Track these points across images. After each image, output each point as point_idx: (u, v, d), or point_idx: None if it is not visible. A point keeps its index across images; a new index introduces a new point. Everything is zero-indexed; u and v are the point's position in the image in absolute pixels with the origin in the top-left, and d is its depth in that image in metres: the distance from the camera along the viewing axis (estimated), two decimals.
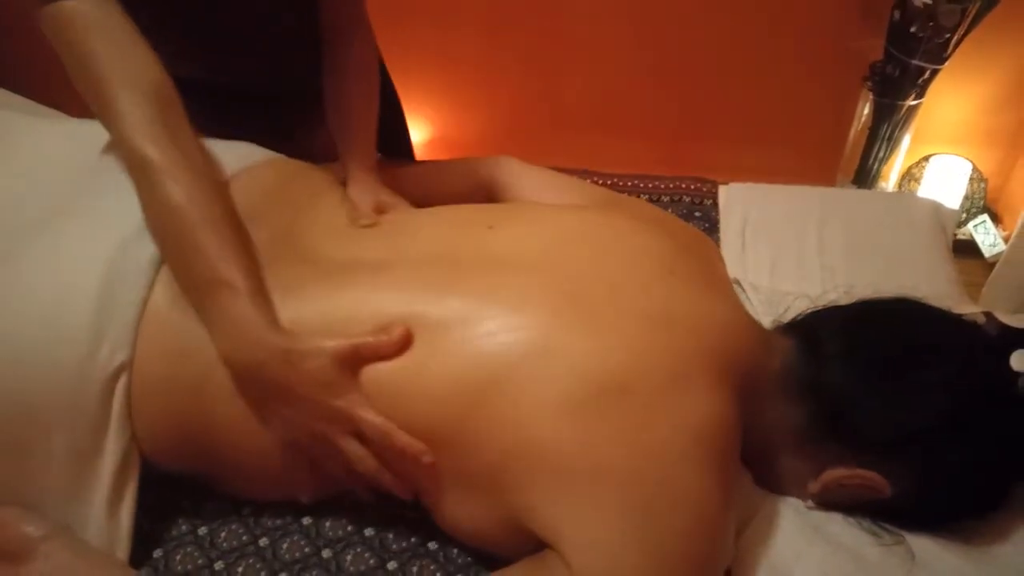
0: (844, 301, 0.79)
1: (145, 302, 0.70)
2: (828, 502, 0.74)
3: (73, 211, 0.76)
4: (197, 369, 0.70)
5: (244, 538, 0.74)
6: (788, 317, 0.81)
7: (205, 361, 0.69)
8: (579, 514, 0.62)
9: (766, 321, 0.80)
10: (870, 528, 0.72)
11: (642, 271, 0.74)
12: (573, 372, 0.64)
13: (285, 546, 0.73)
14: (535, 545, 0.66)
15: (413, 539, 0.74)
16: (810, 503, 0.74)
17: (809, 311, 0.80)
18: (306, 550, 0.73)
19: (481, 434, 0.65)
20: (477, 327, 0.67)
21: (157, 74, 0.74)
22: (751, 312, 0.90)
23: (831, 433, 0.72)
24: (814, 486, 0.72)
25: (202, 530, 0.75)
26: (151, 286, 0.71)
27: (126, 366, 0.69)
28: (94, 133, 0.87)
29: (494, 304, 0.69)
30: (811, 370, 0.73)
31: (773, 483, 0.76)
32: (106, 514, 0.70)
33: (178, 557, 0.73)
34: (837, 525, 0.73)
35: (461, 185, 0.95)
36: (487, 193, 0.94)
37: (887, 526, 0.72)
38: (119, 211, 0.75)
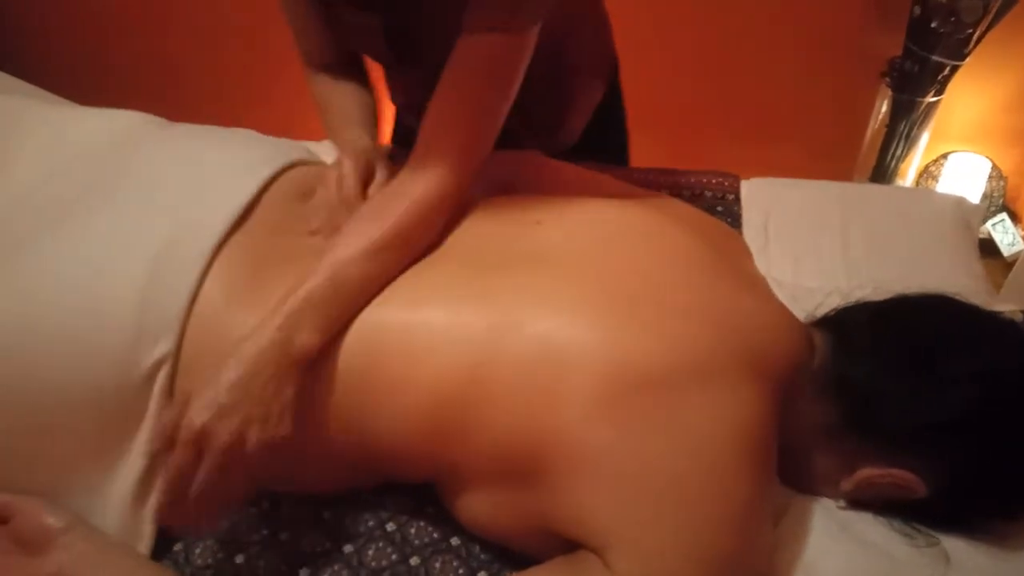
0: (876, 297, 0.77)
1: (195, 294, 0.69)
2: (859, 502, 0.72)
3: (121, 197, 0.75)
4: None
5: (264, 532, 0.73)
6: (821, 312, 0.79)
7: None
8: (624, 517, 0.61)
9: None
10: (901, 529, 0.71)
11: (685, 270, 0.73)
12: (616, 370, 0.63)
13: (305, 540, 0.72)
14: (560, 544, 0.65)
15: (435, 534, 0.73)
16: (841, 503, 0.73)
17: (842, 306, 0.78)
18: (327, 545, 0.72)
19: (515, 433, 0.64)
20: (524, 329, 0.66)
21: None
22: None
23: (863, 430, 0.70)
24: (846, 485, 0.71)
25: (222, 523, 0.74)
26: (203, 277, 0.69)
27: (168, 358, 0.67)
28: (132, 119, 0.87)
29: (541, 305, 0.68)
30: (842, 365, 0.72)
31: (804, 482, 0.75)
32: (130, 510, 0.69)
33: (198, 550, 0.72)
34: (867, 525, 0.72)
35: (485, 180, 0.94)
36: (511, 188, 0.93)
37: (919, 527, 0.71)
38: (172, 201, 0.74)
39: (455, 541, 0.72)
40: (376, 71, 1.02)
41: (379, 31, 0.89)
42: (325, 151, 1.16)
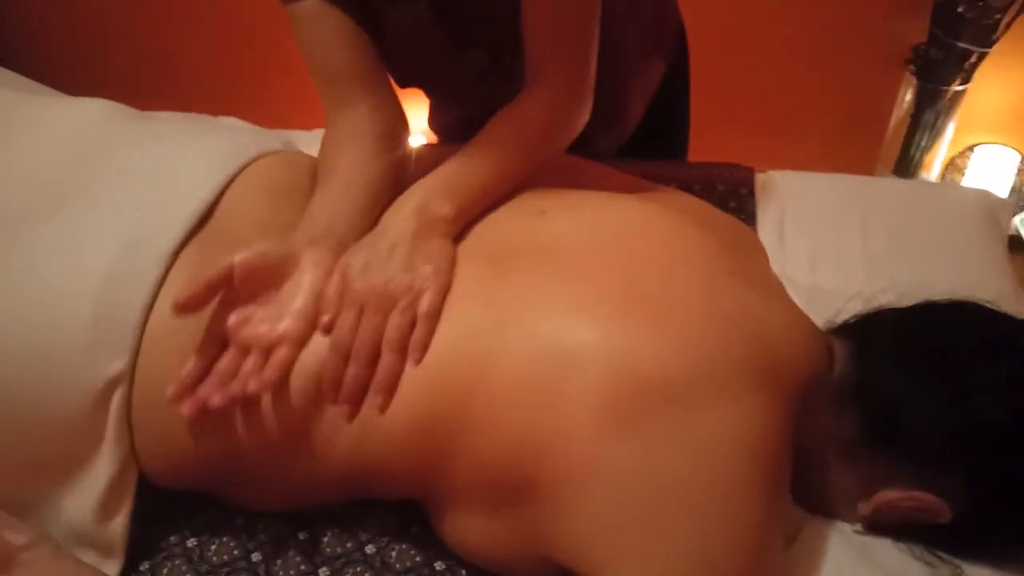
0: (900, 302, 0.72)
1: (150, 306, 0.65)
2: (878, 526, 0.67)
3: (77, 201, 0.71)
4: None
5: (236, 552, 0.69)
6: (841, 319, 0.74)
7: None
8: (624, 533, 0.57)
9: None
10: (923, 556, 0.66)
11: (699, 271, 0.69)
12: (619, 373, 0.59)
13: (279, 563, 0.67)
14: (553, 572, 0.61)
15: (418, 558, 0.68)
16: (859, 526, 0.68)
17: (864, 312, 0.73)
18: (302, 567, 0.67)
19: (512, 437, 0.60)
20: (524, 327, 0.63)
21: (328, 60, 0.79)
22: None
23: (885, 447, 0.65)
24: (864, 508, 0.66)
25: (191, 542, 0.70)
26: (158, 287, 0.65)
27: (124, 376, 0.64)
28: (96, 113, 0.83)
29: (542, 303, 0.64)
30: (864, 376, 0.67)
31: (819, 503, 0.70)
32: (96, 528, 0.66)
33: (165, 570, 0.68)
34: (887, 551, 0.67)
35: None
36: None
37: (943, 555, 0.66)
38: (129, 204, 0.70)
39: (439, 566, 0.68)
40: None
41: (428, 14, 0.83)
42: (317, 141, 1.12)
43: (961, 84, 1.77)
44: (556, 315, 0.63)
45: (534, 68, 0.76)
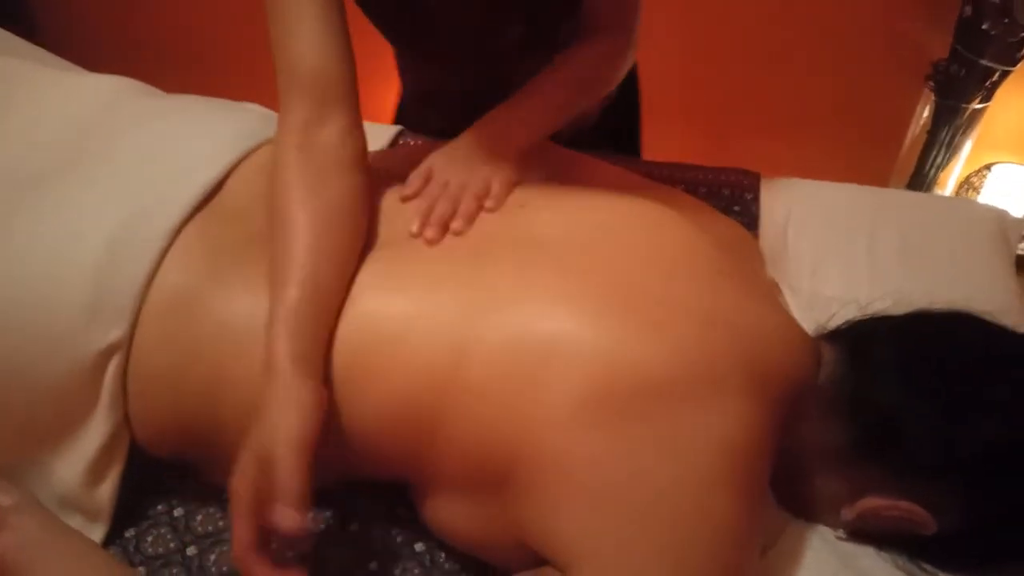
0: (896, 310, 0.71)
1: (151, 278, 0.65)
2: (861, 532, 0.67)
3: (83, 171, 0.72)
4: (208, 372, 0.65)
5: (221, 523, 0.69)
6: (834, 324, 0.73)
7: (218, 363, 0.64)
8: (597, 533, 0.57)
9: (807, 328, 0.73)
10: (906, 567, 0.65)
11: (690, 268, 0.68)
12: (609, 371, 0.59)
13: None
14: (532, 557, 0.60)
15: (400, 538, 0.68)
16: (841, 533, 0.67)
17: (857, 319, 0.73)
18: None
19: (492, 427, 0.60)
20: (506, 317, 0.62)
21: (318, 62, 0.70)
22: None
23: (873, 455, 0.65)
24: (848, 514, 0.65)
25: (178, 511, 0.70)
26: (160, 260, 0.66)
27: (121, 344, 0.64)
28: (110, 88, 0.83)
29: (525, 291, 0.64)
30: (857, 383, 0.66)
31: (801, 507, 0.69)
32: (83, 492, 0.67)
33: (150, 539, 0.69)
34: (868, 559, 0.66)
35: None
36: None
37: (926, 566, 0.65)
38: (134, 178, 0.71)
39: (419, 547, 0.68)
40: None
41: None
42: None
43: (981, 102, 1.75)
44: (535, 304, 0.63)
45: (591, 20, 0.87)
